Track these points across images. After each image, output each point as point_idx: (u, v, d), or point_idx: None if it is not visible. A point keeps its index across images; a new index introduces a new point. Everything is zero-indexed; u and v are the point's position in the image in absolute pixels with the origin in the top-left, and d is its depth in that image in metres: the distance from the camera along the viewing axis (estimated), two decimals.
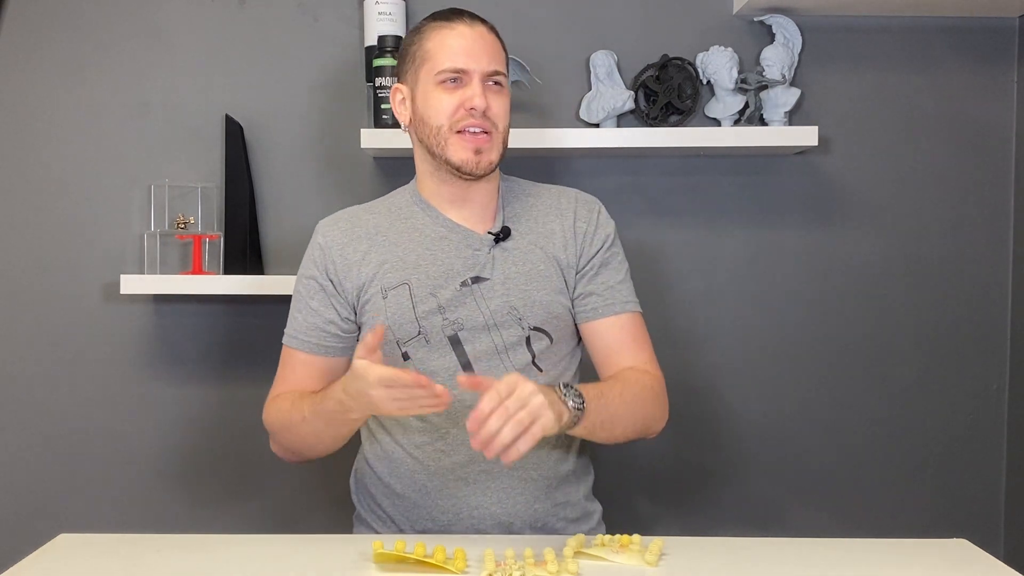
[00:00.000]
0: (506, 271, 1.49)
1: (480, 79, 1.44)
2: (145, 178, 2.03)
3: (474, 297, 1.47)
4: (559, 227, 1.53)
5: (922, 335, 2.10)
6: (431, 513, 1.49)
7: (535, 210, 1.55)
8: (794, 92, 1.99)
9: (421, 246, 1.50)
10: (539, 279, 1.50)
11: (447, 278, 1.47)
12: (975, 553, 1.32)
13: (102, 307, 2.05)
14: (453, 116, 1.44)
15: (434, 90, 1.45)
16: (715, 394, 2.09)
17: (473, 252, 1.49)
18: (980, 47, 2.07)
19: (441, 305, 1.46)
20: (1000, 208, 2.09)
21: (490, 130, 1.45)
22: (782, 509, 2.11)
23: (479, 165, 1.45)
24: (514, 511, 1.48)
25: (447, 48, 1.44)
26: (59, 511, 2.06)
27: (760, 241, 2.08)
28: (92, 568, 1.24)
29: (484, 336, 1.47)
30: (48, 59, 2.04)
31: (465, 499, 1.47)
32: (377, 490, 1.54)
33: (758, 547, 1.34)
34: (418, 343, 1.47)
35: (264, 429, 1.56)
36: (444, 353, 1.47)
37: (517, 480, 1.48)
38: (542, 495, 1.50)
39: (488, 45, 1.46)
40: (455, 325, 1.46)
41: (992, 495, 2.12)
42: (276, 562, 1.27)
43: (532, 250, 1.51)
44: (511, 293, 1.48)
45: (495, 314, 1.47)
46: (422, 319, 1.46)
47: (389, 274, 1.48)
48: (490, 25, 1.49)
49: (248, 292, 1.96)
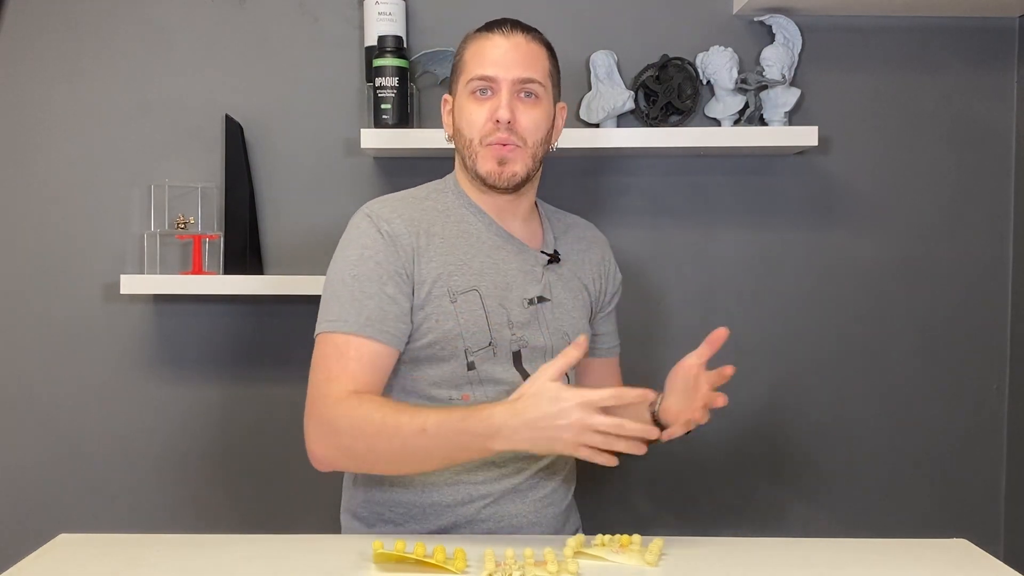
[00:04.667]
0: (560, 295, 1.50)
1: (508, 88, 1.41)
2: (145, 178, 2.03)
3: (538, 317, 1.47)
4: (589, 259, 1.58)
5: (922, 335, 2.10)
6: (468, 522, 1.45)
7: (569, 237, 1.58)
8: (794, 92, 1.99)
9: (482, 253, 1.46)
10: (581, 308, 1.54)
11: (509, 290, 1.45)
12: (975, 553, 1.32)
13: (102, 307, 2.05)
14: (483, 128, 1.42)
15: (467, 101, 1.43)
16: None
17: (530, 268, 1.48)
18: (980, 47, 2.07)
19: (511, 320, 1.44)
20: (1000, 208, 2.09)
21: (517, 144, 1.42)
22: (782, 509, 2.11)
23: (501, 176, 1.42)
24: (543, 521, 1.47)
25: (479, 57, 1.42)
26: (59, 511, 2.06)
27: (760, 241, 2.08)
28: (92, 568, 1.24)
29: (540, 358, 1.45)
30: (48, 59, 2.04)
31: (505, 507, 1.45)
32: (384, 491, 1.50)
33: (758, 547, 1.34)
34: (486, 354, 1.42)
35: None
36: (507, 368, 1.44)
37: (549, 490, 1.48)
38: (562, 505, 1.51)
39: (523, 54, 1.42)
40: (520, 342, 1.45)
41: (992, 495, 2.12)
42: (276, 562, 1.27)
43: (572, 278, 1.54)
44: (564, 319, 1.49)
45: (553, 336, 1.48)
46: (494, 330, 1.43)
47: (455, 277, 1.42)
48: (535, 35, 1.46)
49: (248, 292, 1.96)
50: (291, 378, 2.06)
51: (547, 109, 1.46)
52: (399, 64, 1.89)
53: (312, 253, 2.03)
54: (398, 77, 1.89)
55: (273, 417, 2.07)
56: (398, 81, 1.89)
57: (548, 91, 1.46)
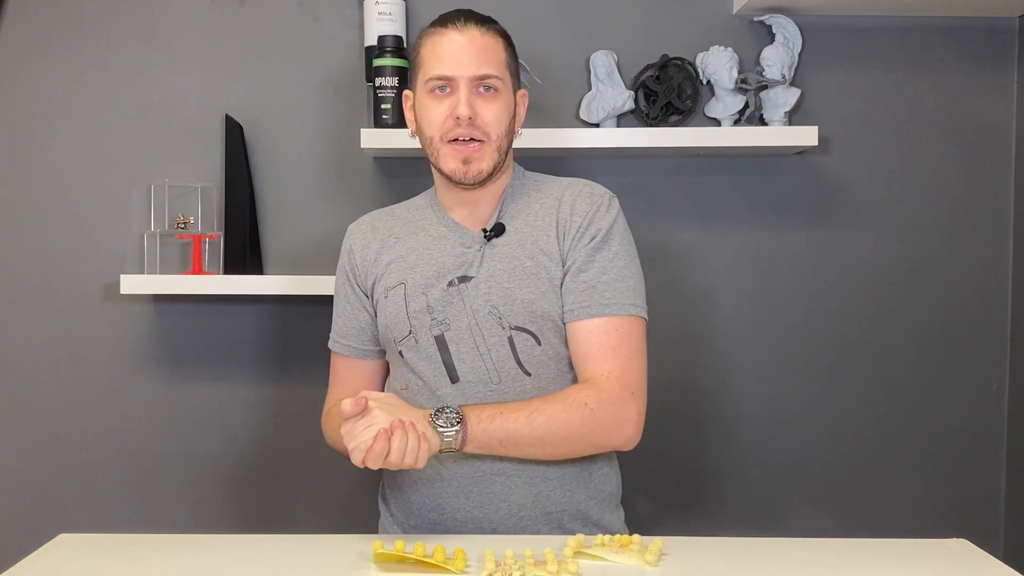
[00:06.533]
0: (491, 269, 1.45)
1: (467, 85, 1.41)
2: (145, 178, 2.03)
3: (460, 296, 1.45)
4: (553, 220, 1.46)
5: (922, 335, 2.10)
6: (451, 514, 1.45)
7: (536, 204, 1.49)
8: (794, 92, 1.99)
9: (421, 245, 1.50)
10: (524, 276, 1.43)
11: (437, 277, 1.46)
12: (975, 553, 1.32)
13: (102, 307, 2.05)
14: (443, 126, 1.42)
15: (426, 99, 1.44)
16: (715, 394, 2.09)
17: (464, 250, 1.47)
18: (980, 47, 2.07)
19: (430, 304, 1.45)
20: (1000, 208, 2.09)
21: (481, 139, 1.42)
22: (782, 509, 2.11)
23: (467, 174, 1.43)
24: (497, 519, 1.45)
25: (435, 55, 1.42)
26: (59, 511, 2.06)
27: (760, 241, 2.08)
28: (92, 568, 1.24)
29: (467, 337, 1.44)
30: (48, 59, 2.04)
31: (448, 502, 1.45)
32: (397, 492, 1.52)
33: (758, 547, 1.34)
34: (409, 342, 1.46)
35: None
36: (431, 353, 1.45)
37: (501, 487, 1.45)
38: (528, 504, 1.47)
39: (478, 49, 1.41)
40: (442, 325, 1.45)
41: (992, 495, 2.12)
42: (276, 562, 1.27)
43: (522, 246, 1.45)
44: (493, 291, 1.43)
45: (476, 313, 1.43)
46: (413, 318, 1.46)
47: (392, 274, 1.50)
48: (489, 26, 1.44)
49: (248, 292, 1.96)
50: (291, 378, 2.06)
51: (507, 101, 1.45)
52: (399, 64, 1.90)
53: (312, 253, 2.03)
54: (398, 77, 1.89)
55: (273, 417, 2.07)
56: (398, 81, 1.89)
57: (507, 83, 1.45)
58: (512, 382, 1.44)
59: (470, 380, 1.44)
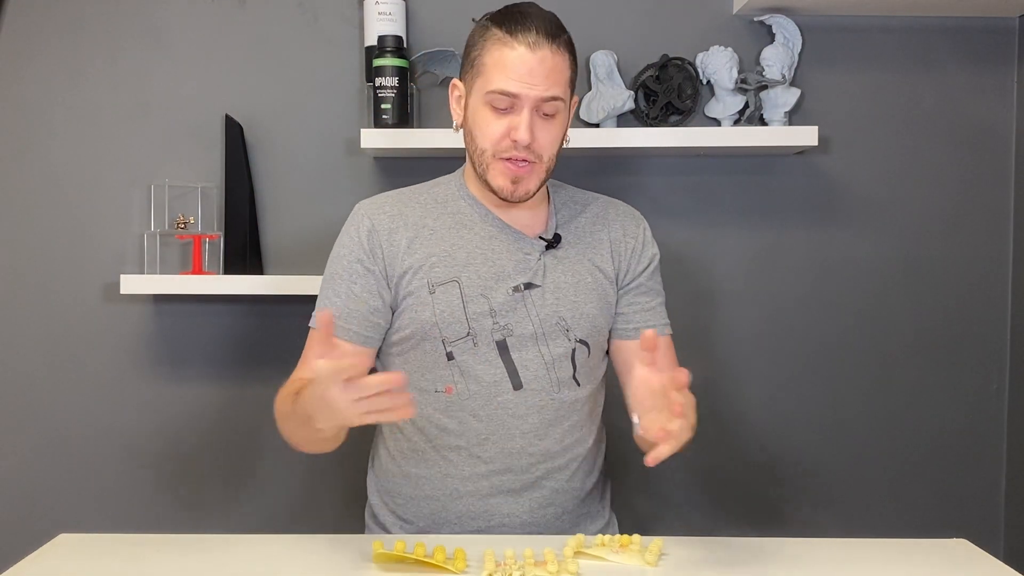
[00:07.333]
0: (556, 279, 1.46)
1: (531, 107, 1.36)
2: (145, 178, 2.03)
3: (525, 304, 1.44)
4: (606, 238, 1.52)
5: (922, 335, 2.10)
6: (459, 518, 1.46)
7: (583, 218, 1.53)
8: (794, 92, 1.99)
9: (471, 243, 1.46)
10: (587, 291, 1.48)
11: (498, 280, 1.44)
12: (975, 553, 1.33)
13: (102, 307, 2.05)
14: (499, 144, 1.39)
15: (483, 107, 1.39)
16: (715, 394, 2.09)
17: (524, 256, 1.46)
18: (980, 47, 2.07)
19: (493, 308, 1.43)
20: (1000, 208, 2.09)
21: (534, 160, 1.40)
22: (782, 509, 2.11)
23: (515, 193, 1.41)
24: (544, 522, 1.47)
25: (501, 68, 1.36)
26: (59, 511, 2.06)
27: (760, 241, 2.08)
28: (92, 568, 1.24)
29: (531, 345, 1.44)
30: (48, 59, 2.04)
31: (497, 507, 1.45)
32: (398, 488, 1.51)
33: (758, 547, 1.34)
34: (465, 344, 1.43)
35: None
36: (491, 358, 1.43)
37: (549, 491, 1.47)
38: (571, 507, 1.50)
39: (548, 71, 1.36)
40: (504, 330, 1.44)
41: (992, 495, 2.12)
42: (276, 562, 1.27)
43: (581, 260, 1.49)
44: (561, 303, 1.45)
45: (544, 323, 1.44)
46: (472, 320, 1.43)
47: (437, 269, 1.44)
48: (560, 43, 1.38)
49: (248, 292, 1.96)
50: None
51: (564, 118, 1.43)
52: (399, 64, 1.90)
53: (312, 253, 2.03)
54: (398, 77, 1.89)
55: (273, 417, 2.07)
56: (398, 81, 1.89)
57: (567, 101, 1.43)
58: (568, 391, 1.47)
59: (533, 388, 1.44)
